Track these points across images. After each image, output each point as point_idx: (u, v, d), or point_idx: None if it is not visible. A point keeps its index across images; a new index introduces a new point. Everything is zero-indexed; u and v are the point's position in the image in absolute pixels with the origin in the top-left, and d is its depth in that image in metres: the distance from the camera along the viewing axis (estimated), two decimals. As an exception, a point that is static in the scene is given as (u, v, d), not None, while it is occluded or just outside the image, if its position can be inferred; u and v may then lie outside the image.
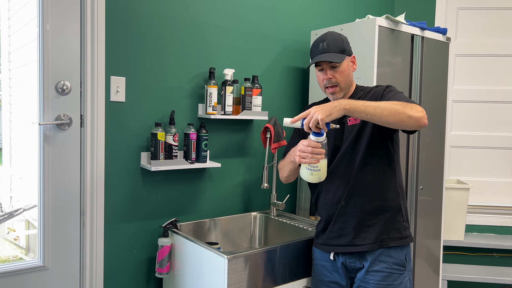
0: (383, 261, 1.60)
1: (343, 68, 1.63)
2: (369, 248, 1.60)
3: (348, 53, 1.66)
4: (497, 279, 2.82)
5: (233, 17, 2.26)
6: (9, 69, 2.00)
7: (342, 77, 1.64)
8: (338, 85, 1.64)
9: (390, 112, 1.40)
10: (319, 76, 1.68)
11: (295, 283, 1.85)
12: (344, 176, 1.65)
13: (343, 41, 1.65)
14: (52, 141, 1.79)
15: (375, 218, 1.62)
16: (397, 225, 1.63)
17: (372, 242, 1.60)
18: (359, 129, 1.63)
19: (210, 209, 2.25)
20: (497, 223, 3.10)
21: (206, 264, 1.74)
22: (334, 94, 1.66)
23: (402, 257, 1.62)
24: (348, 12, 2.82)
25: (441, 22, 3.09)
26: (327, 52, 1.62)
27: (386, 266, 1.59)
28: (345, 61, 1.64)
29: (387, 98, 1.56)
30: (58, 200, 1.81)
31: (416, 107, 1.43)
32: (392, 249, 1.61)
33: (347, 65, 1.66)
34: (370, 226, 1.62)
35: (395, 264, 1.60)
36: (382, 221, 1.62)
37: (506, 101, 3.11)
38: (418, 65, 2.34)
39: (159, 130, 1.93)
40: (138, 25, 1.95)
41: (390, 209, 1.63)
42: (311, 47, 1.69)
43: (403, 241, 1.63)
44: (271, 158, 2.32)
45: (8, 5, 1.99)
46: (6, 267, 1.73)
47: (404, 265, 1.62)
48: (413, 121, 1.41)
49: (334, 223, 1.67)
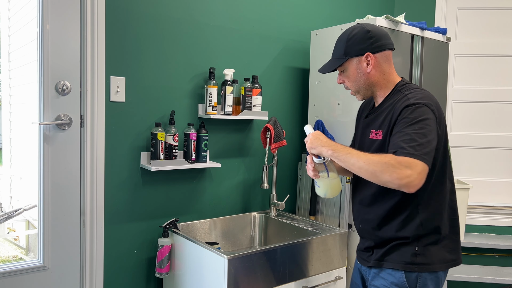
0: (383, 278, 1.46)
1: (349, 72, 1.49)
2: (374, 265, 1.49)
3: (355, 54, 1.46)
4: (497, 279, 2.82)
5: (233, 17, 2.26)
6: (9, 69, 2.00)
7: (349, 82, 1.51)
8: (350, 89, 1.54)
9: (366, 174, 1.30)
10: None
11: (295, 283, 1.85)
12: (360, 194, 1.55)
13: (348, 41, 1.47)
14: (52, 141, 1.79)
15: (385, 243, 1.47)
16: (406, 249, 1.43)
17: (376, 259, 1.48)
18: (377, 148, 1.45)
19: (210, 209, 2.25)
20: (497, 223, 3.10)
21: (206, 264, 1.74)
22: (355, 95, 1.55)
23: (403, 279, 1.42)
24: (348, 12, 2.82)
25: (441, 22, 3.09)
26: (323, 70, 1.55)
27: (384, 284, 1.45)
28: (349, 63, 1.48)
29: (395, 132, 1.36)
30: (58, 200, 1.81)
31: (401, 171, 1.23)
32: (395, 270, 1.44)
33: (354, 67, 1.48)
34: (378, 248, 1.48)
35: (393, 284, 1.43)
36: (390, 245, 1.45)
37: (506, 101, 3.11)
38: (418, 65, 2.34)
39: (159, 130, 1.93)
40: (138, 25, 1.95)
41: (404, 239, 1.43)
42: None
43: (407, 267, 1.41)
44: (271, 158, 2.32)
45: (8, 5, 1.99)
46: (6, 267, 1.73)
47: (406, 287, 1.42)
48: (391, 185, 1.27)
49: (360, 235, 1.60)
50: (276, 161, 2.30)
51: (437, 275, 1.43)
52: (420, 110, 1.34)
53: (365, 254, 1.54)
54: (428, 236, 1.42)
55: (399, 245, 1.43)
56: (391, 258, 1.43)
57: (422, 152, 1.27)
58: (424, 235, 1.41)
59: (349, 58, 1.47)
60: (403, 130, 1.32)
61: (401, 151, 1.27)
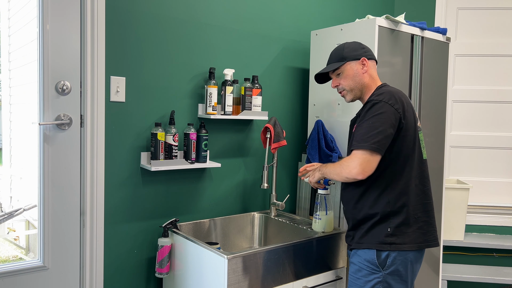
0: (358, 255, 1.69)
1: (347, 73, 1.75)
2: (352, 245, 1.74)
3: (352, 58, 1.75)
4: (497, 279, 2.82)
5: (233, 17, 2.26)
6: (9, 69, 2.00)
7: (346, 81, 1.76)
8: (345, 89, 1.78)
9: (337, 178, 1.68)
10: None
11: (295, 283, 1.85)
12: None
13: (345, 49, 1.76)
14: (52, 141, 1.79)
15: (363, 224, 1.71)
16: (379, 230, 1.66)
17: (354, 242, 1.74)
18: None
19: (210, 209, 2.25)
20: (497, 223, 3.10)
21: (206, 264, 1.74)
22: (345, 97, 1.81)
23: (373, 256, 1.64)
24: (348, 12, 2.82)
25: (441, 22, 3.09)
26: (327, 64, 1.81)
27: (359, 260, 1.68)
28: (347, 65, 1.75)
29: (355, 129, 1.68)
30: (58, 200, 1.81)
31: (347, 167, 1.60)
32: (370, 249, 1.66)
33: (352, 69, 1.75)
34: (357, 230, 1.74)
35: (366, 261, 1.65)
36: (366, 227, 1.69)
37: (506, 101, 3.11)
38: (418, 65, 2.34)
39: (159, 130, 1.93)
40: (138, 25, 1.95)
41: (375, 216, 1.66)
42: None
43: (379, 246, 1.63)
44: (271, 158, 2.32)
45: (8, 5, 1.99)
46: (6, 267, 1.73)
47: (377, 265, 1.63)
48: (348, 180, 1.64)
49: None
50: (276, 161, 2.30)
51: (406, 256, 1.63)
52: (376, 107, 1.61)
53: (348, 239, 1.79)
54: (397, 215, 1.63)
55: (374, 225, 1.65)
56: (367, 239, 1.66)
57: (369, 142, 1.56)
58: (393, 214, 1.63)
59: (347, 62, 1.75)
60: (359, 125, 1.64)
61: (352, 147, 1.60)
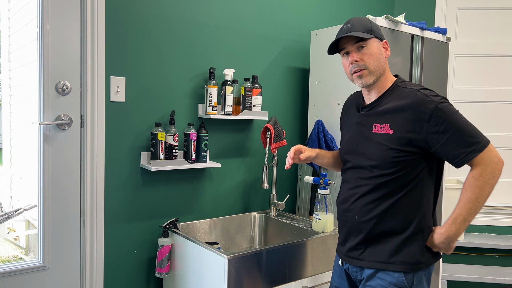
0: (380, 278, 1.42)
1: (372, 50, 1.43)
2: (368, 265, 1.45)
3: (378, 36, 1.46)
4: (497, 279, 2.82)
5: (233, 17, 2.26)
6: (9, 69, 2.00)
7: (371, 59, 1.43)
8: (366, 68, 1.43)
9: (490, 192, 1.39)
10: (344, 63, 1.49)
11: (295, 283, 1.85)
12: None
13: (371, 23, 1.46)
14: (52, 141, 1.79)
15: (385, 238, 1.44)
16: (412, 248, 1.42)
17: (374, 260, 1.44)
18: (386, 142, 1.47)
19: (210, 209, 2.25)
20: (497, 223, 3.10)
21: (206, 264, 1.74)
22: (362, 77, 1.44)
23: (403, 279, 1.40)
24: (348, 12, 2.82)
25: (441, 22, 3.09)
26: (352, 31, 1.42)
27: (381, 284, 1.41)
28: (373, 42, 1.44)
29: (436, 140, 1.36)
30: (58, 200, 1.81)
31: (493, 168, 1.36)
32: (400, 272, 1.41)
33: (377, 47, 1.45)
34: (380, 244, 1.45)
35: (392, 284, 1.40)
36: (392, 242, 1.42)
37: (506, 101, 3.11)
38: (418, 65, 2.34)
39: (159, 130, 1.93)
40: (138, 25, 1.95)
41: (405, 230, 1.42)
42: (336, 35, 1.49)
43: (414, 267, 1.40)
44: (271, 158, 2.32)
45: (8, 5, 1.99)
46: (6, 267, 1.73)
47: (405, 286, 1.40)
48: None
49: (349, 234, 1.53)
50: (276, 161, 2.30)
51: (429, 270, 1.45)
52: (449, 104, 1.38)
53: (355, 252, 1.49)
54: (429, 229, 1.45)
55: (407, 242, 1.41)
56: (399, 258, 1.40)
57: (482, 135, 1.37)
58: (427, 228, 1.44)
59: (374, 37, 1.45)
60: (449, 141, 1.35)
61: (471, 156, 1.34)
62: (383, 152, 1.40)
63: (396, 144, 1.39)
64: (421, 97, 1.39)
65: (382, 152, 1.40)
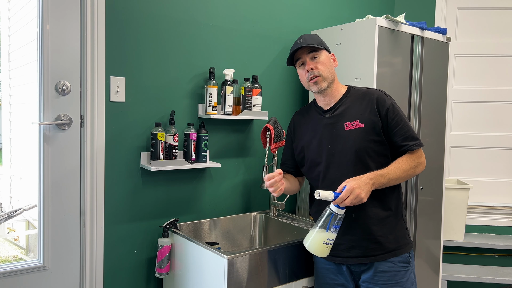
0: (389, 261, 1.64)
1: (324, 59, 1.67)
2: (382, 259, 1.63)
3: (327, 49, 1.72)
4: (497, 279, 2.82)
5: (233, 17, 2.26)
6: (9, 69, 2.00)
7: (324, 67, 1.66)
8: (320, 74, 1.65)
9: (405, 178, 1.60)
10: (301, 73, 1.71)
11: (295, 283, 1.85)
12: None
13: (321, 39, 1.72)
14: (52, 141, 1.79)
15: (383, 228, 1.64)
16: (403, 231, 1.69)
17: (385, 252, 1.63)
18: (361, 135, 1.69)
19: (210, 209, 2.25)
20: (497, 223, 3.10)
21: (206, 264, 1.74)
22: (318, 83, 1.65)
23: (406, 254, 1.67)
24: (348, 12, 2.82)
25: (441, 22, 3.09)
26: (305, 44, 1.65)
27: (392, 265, 1.63)
28: (324, 53, 1.68)
29: (392, 127, 1.61)
30: (58, 200, 1.81)
31: (421, 164, 1.63)
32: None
33: (327, 57, 1.69)
34: (381, 236, 1.63)
35: (400, 262, 1.64)
36: (389, 230, 1.65)
37: (506, 101, 3.11)
38: (418, 65, 2.34)
39: (159, 130, 1.93)
40: (138, 25, 1.95)
41: (393, 215, 1.67)
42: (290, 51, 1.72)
43: (409, 247, 1.69)
44: (271, 158, 2.32)
45: (8, 5, 1.99)
46: (6, 267, 1.73)
47: (409, 261, 1.67)
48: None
49: (344, 235, 1.63)
50: (276, 161, 2.30)
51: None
52: (395, 104, 1.66)
53: (375, 251, 1.64)
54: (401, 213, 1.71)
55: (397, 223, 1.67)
56: (399, 245, 1.64)
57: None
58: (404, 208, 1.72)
59: (324, 49, 1.69)
60: (401, 129, 1.62)
61: (415, 147, 1.61)
62: (360, 144, 1.60)
63: (370, 134, 1.60)
64: (379, 93, 1.66)
65: (360, 144, 1.60)
